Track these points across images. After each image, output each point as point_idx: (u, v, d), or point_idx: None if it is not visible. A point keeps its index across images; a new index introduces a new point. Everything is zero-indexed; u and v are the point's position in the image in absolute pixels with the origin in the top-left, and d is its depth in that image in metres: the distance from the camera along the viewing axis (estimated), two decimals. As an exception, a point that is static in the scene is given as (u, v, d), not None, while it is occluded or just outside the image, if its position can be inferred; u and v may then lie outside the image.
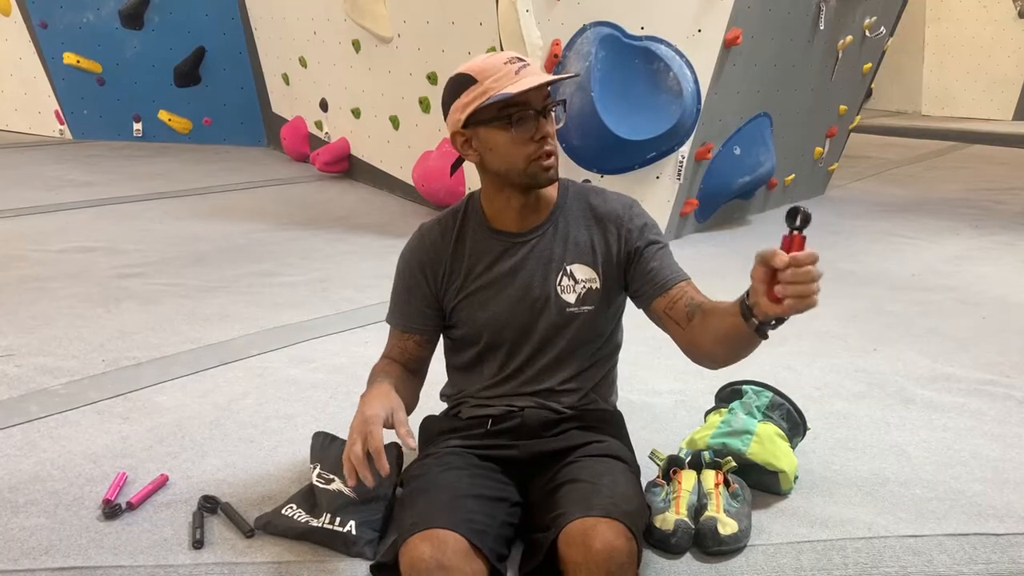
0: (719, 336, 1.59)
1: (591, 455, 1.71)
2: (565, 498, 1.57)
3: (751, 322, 1.46)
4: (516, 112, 1.62)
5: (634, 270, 1.76)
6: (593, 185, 1.87)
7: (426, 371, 1.93)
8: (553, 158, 1.67)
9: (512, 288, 1.75)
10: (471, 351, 1.83)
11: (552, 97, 1.66)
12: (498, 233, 1.77)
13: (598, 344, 1.83)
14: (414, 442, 1.57)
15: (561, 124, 1.72)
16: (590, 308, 1.77)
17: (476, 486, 1.62)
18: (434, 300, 1.81)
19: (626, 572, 1.45)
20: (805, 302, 1.33)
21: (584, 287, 1.76)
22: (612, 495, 1.55)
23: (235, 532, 1.85)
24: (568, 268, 1.76)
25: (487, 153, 1.68)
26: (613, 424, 1.87)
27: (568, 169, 4.35)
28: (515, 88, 1.58)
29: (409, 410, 1.75)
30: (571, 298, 1.75)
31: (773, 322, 1.44)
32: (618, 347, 1.92)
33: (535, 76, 1.61)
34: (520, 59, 1.64)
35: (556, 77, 1.64)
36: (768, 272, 1.36)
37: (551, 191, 1.79)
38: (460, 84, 1.66)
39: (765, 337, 1.49)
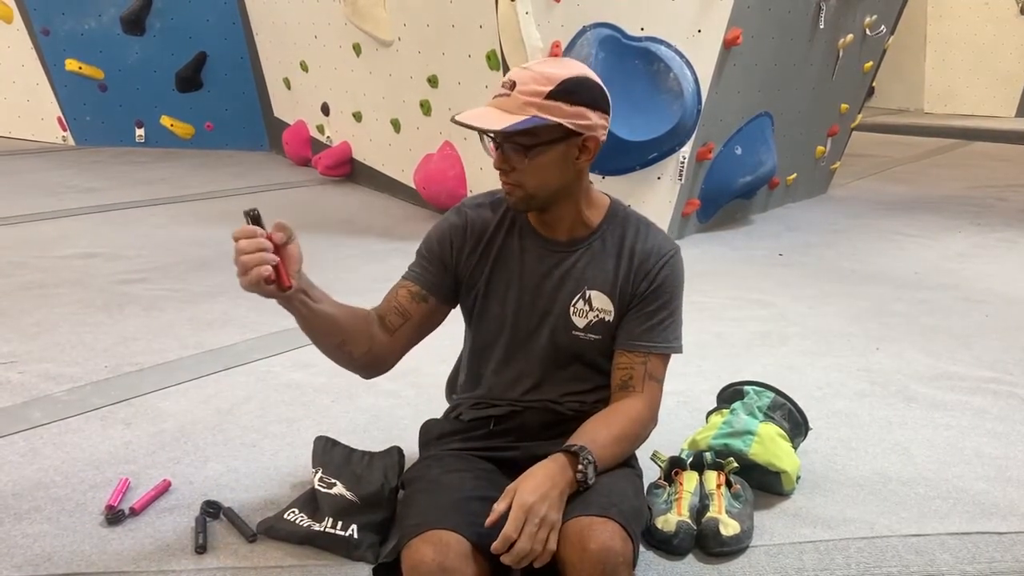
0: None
1: None
2: None
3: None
4: (481, 134, 1.62)
5: (626, 314, 1.73)
6: (644, 217, 1.81)
7: (400, 343, 1.76)
8: (512, 189, 1.63)
9: (529, 292, 1.74)
10: (477, 341, 1.82)
11: (528, 137, 1.58)
12: (536, 234, 1.75)
13: (600, 370, 1.78)
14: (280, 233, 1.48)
15: (583, 159, 1.64)
16: (596, 338, 1.73)
17: (479, 487, 1.62)
18: (447, 268, 1.76)
19: (621, 572, 1.44)
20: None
21: (597, 316, 1.73)
22: (609, 495, 1.55)
23: (238, 537, 1.85)
24: (588, 293, 1.73)
25: None
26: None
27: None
28: (459, 116, 1.59)
29: (336, 327, 1.68)
30: (581, 322, 1.73)
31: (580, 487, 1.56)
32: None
33: (489, 110, 1.58)
34: (511, 83, 1.58)
35: (481, 124, 1.56)
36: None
37: (593, 211, 1.75)
38: None
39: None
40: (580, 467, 1.53)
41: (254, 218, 1.46)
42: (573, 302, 1.73)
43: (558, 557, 1.48)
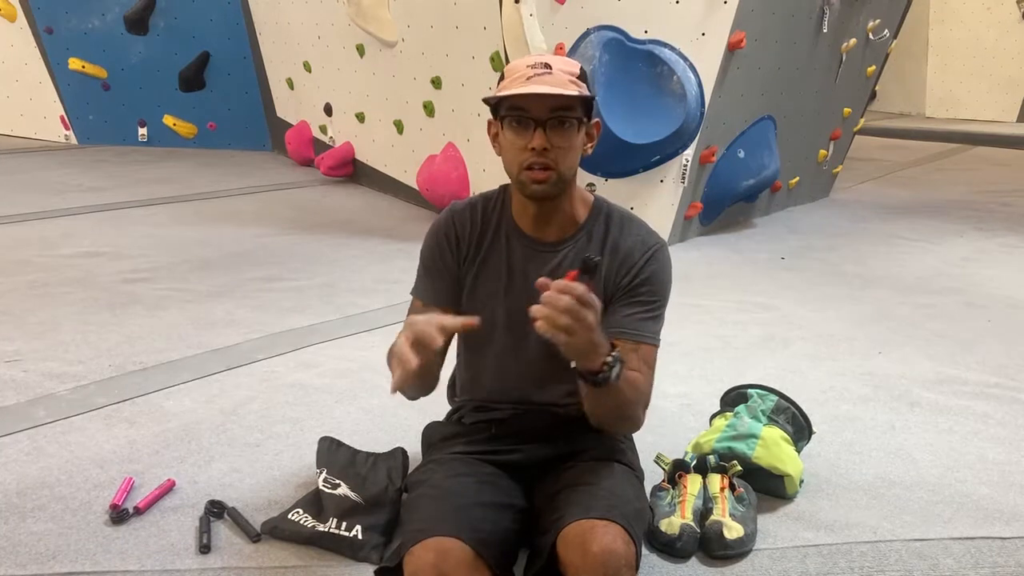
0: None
1: (593, 459, 1.70)
2: (565, 501, 1.57)
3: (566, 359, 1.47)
4: (515, 116, 1.60)
5: (609, 306, 1.70)
6: (631, 213, 1.80)
7: (446, 352, 1.81)
8: (547, 173, 1.61)
9: (515, 294, 1.73)
10: (471, 346, 1.82)
11: (572, 111, 1.59)
12: (521, 235, 1.75)
13: None
14: (473, 320, 1.51)
15: (589, 145, 1.66)
16: None
17: (482, 493, 1.62)
18: (456, 278, 1.77)
19: (623, 575, 1.44)
20: (549, 326, 1.36)
21: None
22: (611, 498, 1.55)
23: (242, 537, 1.86)
24: None
25: (501, 149, 1.67)
26: (618, 427, 1.86)
27: (572, 173, 4.35)
28: (506, 91, 1.58)
29: (432, 381, 1.74)
30: None
31: (597, 373, 1.47)
32: None
33: (540, 85, 1.56)
34: (545, 65, 1.58)
35: (550, 90, 1.54)
36: None
37: (580, 208, 1.75)
38: (500, 77, 1.66)
39: (582, 379, 1.50)
40: (610, 356, 1.48)
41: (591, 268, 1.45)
42: None
43: (560, 560, 1.48)
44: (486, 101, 1.66)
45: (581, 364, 1.46)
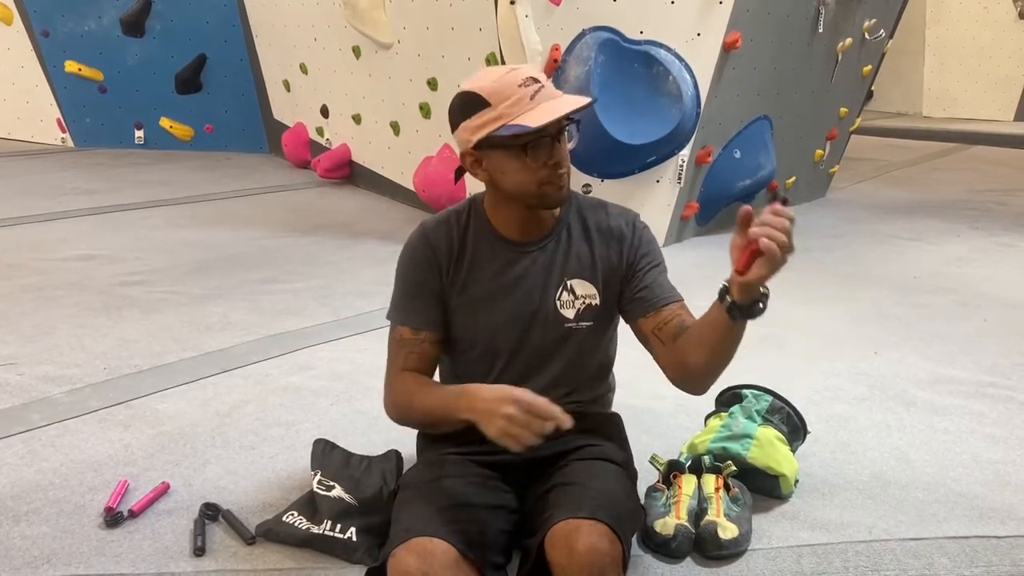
0: (699, 339, 1.61)
1: (585, 458, 1.70)
2: (554, 501, 1.57)
3: (726, 301, 1.49)
4: (531, 141, 1.57)
5: (628, 285, 1.75)
6: (596, 198, 1.84)
7: (437, 361, 1.83)
8: (565, 180, 1.63)
9: (511, 298, 1.73)
10: (467, 357, 1.81)
11: (567, 118, 1.60)
12: (503, 240, 1.74)
13: (596, 358, 1.80)
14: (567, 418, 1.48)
15: (573, 143, 1.70)
16: (588, 324, 1.74)
17: (472, 494, 1.62)
18: (441, 296, 1.75)
19: (609, 574, 1.44)
20: (772, 249, 1.38)
21: (584, 303, 1.74)
22: (599, 497, 1.55)
23: (236, 539, 1.85)
24: (568, 283, 1.73)
25: (498, 175, 1.64)
26: (612, 427, 1.87)
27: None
28: (533, 122, 1.52)
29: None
30: (570, 313, 1.73)
31: (755, 304, 1.49)
32: (613, 358, 1.89)
33: (552, 103, 1.55)
34: (535, 80, 1.57)
35: (575, 106, 1.55)
36: (742, 240, 1.43)
37: None
38: (471, 104, 1.58)
39: (740, 316, 1.50)
40: (765, 287, 1.50)
41: None
42: (557, 296, 1.73)
43: (547, 559, 1.48)
44: (516, 139, 1.56)
45: (744, 296, 1.47)
